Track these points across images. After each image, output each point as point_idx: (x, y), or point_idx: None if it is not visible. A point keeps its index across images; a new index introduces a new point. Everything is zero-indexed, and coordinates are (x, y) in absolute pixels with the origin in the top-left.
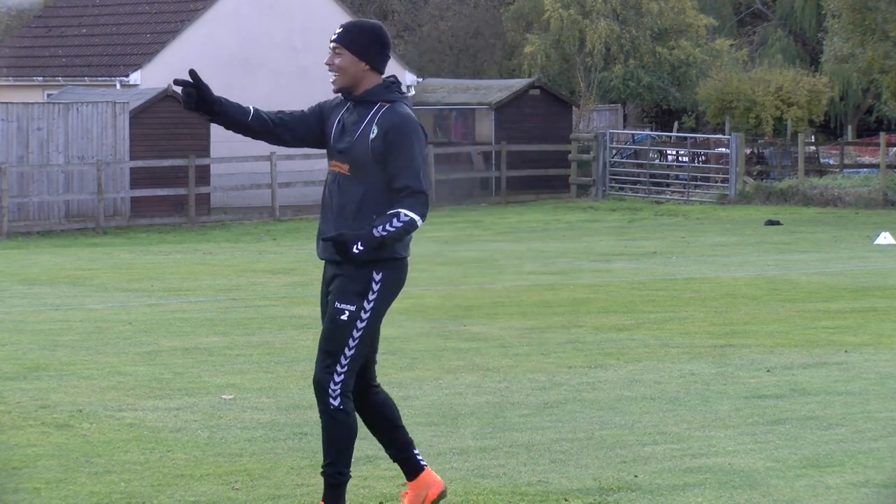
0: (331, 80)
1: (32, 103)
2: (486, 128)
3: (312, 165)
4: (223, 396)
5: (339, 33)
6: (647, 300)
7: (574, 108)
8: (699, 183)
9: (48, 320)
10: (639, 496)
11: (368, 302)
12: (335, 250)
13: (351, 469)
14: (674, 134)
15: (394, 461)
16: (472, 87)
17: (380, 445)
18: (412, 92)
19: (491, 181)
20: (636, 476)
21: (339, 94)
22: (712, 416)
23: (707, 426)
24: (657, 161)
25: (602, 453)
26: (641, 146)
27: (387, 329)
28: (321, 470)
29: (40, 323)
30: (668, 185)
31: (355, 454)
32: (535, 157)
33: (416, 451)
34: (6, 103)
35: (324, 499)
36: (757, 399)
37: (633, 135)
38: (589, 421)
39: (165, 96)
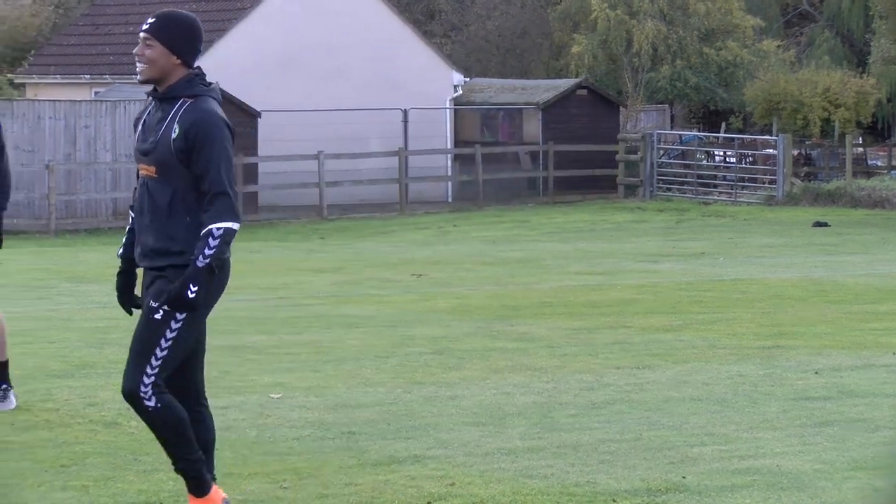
0: (137, 71)
1: (80, 101)
2: (533, 128)
3: (359, 164)
4: (271, 395)
5: (151, 23)
6: (695, 301)
7: (621, 108)
8: (746, 184)
9: (96, 318)
10: (687, 497)
11: None
12: (174, 309)
13: (196, 446)
14: (721, 135)
15: (176, 472)
16: (519, 86)
17: (427, 445)
18: (459, 92)
19: (538, 181)
20: (684, 477)
21: (148, 99)
22: (760, 418)
23: (755, 428)
24: (704, 162)
25: (650, 454)
26: (689, 147)
27: (434, 329)
28: (173, 470)
29: (88, 321)
30: (715, 185)
31: (402, 453)
32: (583, 158)
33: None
34: (53, 101)
35: (191, 492)
36: (805, 401)
37: (680, 135)
38: (637, 422)
39: None
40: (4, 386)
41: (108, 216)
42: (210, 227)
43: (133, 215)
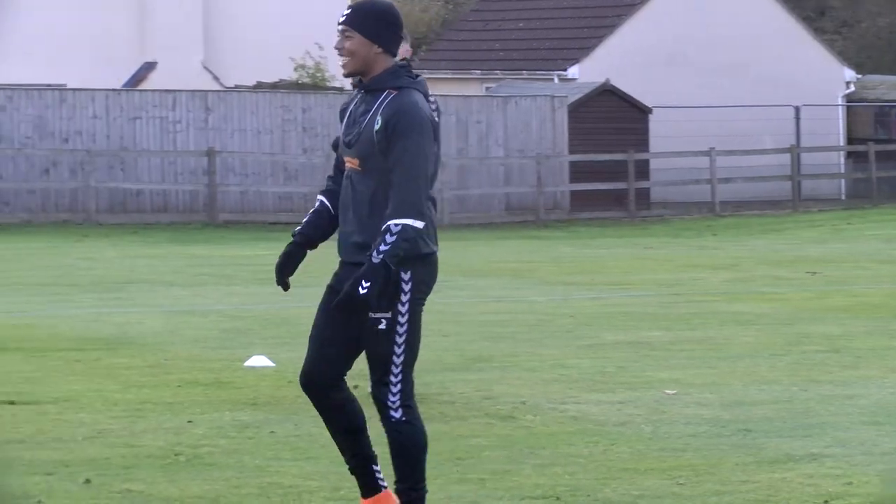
0: (340, 65)
1: (471, 96)
2: None
3: (751, 161)
4: (666, 391)
5: (347, 14)
6: None
7: None
8: None
9: (490, 312)
10: None
11: (403, 304)
12: (348, 307)
13: (426, 482)
14: None
15: (350, 472)
16: None
17: (824, 443)
18: (851, 89)
19: None
20: None
21: (354, 91)
22: None
23: None
24: None
25: None
26: None
27: (830, 327)
28: (394, 487)
29: (482, 314)
30: None
31: (799, 451)
32: None
33: (375, 468)
34: (445, 96)
35: None
36: None
37: None
38: None
39: (603, 91)
40: None
41: (501, 211)
42: (389, 222)
43: (321, 199)
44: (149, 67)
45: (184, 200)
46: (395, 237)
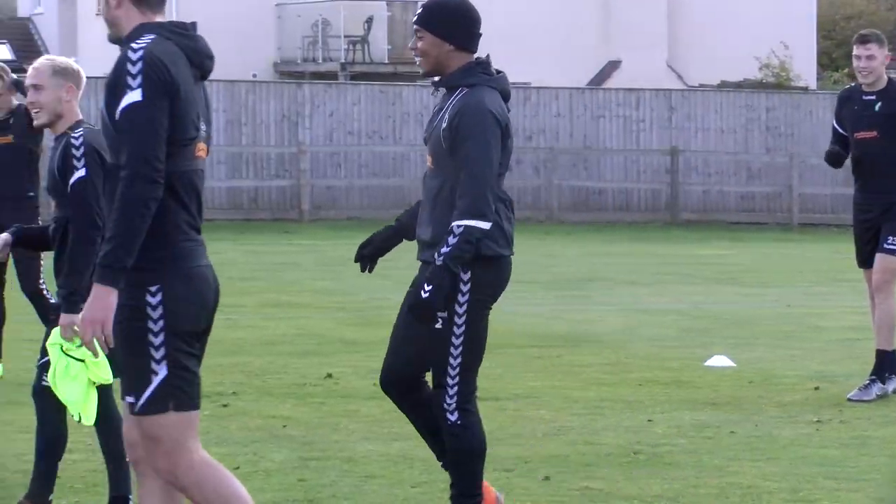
0: (417, 65)
1: None
2: None
3: None
4: None
5: (419, 14)
6: None
7: None
8: None
9: None
10: None
11: (460, 305)
12: (411, 311)
13: (481, 492)
14: None
15: (443, 468)
16: None
17: None
18: None
19: None
20: None
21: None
22: None
23: None
24: None
25: None
26: None
27: None
28: (449, 493)
29: None
30: None
31: None
32: None
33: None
34: None
35: None
36: None
37: None
38: None
39: None
40: (873, 377)
41: None
42: (453, 223)
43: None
44: (613, 66)
45: (646, 199)
46: (456, 238)
